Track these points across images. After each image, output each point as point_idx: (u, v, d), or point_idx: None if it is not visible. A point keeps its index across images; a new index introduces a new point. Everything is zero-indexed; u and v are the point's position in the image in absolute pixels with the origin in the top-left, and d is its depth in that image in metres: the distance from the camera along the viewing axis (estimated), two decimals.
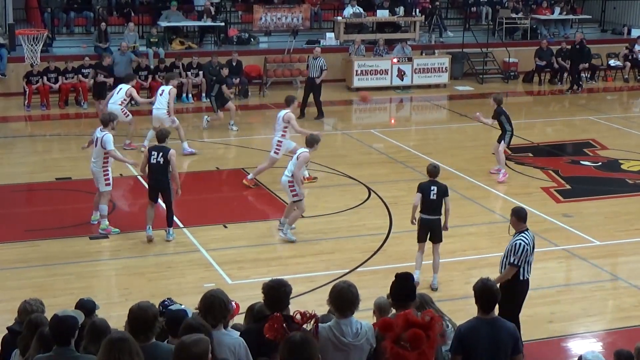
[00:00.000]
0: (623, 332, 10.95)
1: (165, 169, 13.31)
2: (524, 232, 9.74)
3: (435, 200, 11.84)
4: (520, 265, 9.63)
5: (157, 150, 13.37)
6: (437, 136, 21.77)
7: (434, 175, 12.07)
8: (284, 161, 15.23)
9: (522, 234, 9.72)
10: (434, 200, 11.84)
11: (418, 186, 12.07)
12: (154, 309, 6.17)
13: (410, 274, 6.95)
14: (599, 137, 20.61)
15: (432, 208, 11.89)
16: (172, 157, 13.26)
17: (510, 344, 7.13)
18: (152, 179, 13.52)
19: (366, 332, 6.48)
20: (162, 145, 13.44)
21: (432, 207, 11.88)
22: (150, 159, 13.36)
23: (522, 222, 9.84)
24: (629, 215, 15.35)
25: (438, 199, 11.84)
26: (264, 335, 6.11)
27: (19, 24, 24.38)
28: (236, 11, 27.88)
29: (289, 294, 6.63)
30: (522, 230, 9.76)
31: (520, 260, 9.61)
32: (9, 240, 13.75)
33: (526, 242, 9.63)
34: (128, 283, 12.22)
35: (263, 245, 13.49)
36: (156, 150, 13.39)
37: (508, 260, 9.68)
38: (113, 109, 18.28)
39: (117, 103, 18.42)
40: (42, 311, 7.38)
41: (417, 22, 27.96)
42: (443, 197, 11.87)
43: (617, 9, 31.31)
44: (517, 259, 9.62)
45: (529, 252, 9.66)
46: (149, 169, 13.46)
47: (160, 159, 13.27)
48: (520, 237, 9.69)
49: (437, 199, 11.84)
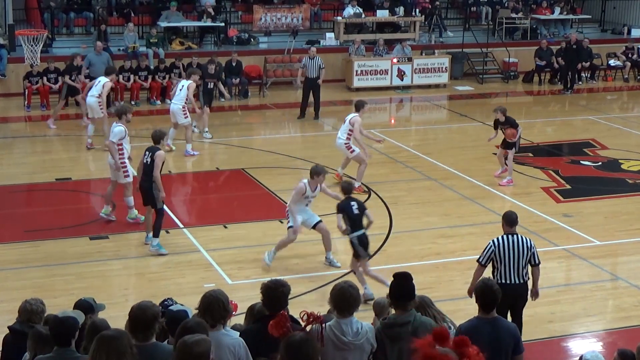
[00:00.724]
0: (623, 332, 10.95)
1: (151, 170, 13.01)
2: (504, 235, 9.64)
3: (359, 214, 11.63)
4: (484, 263, 9.58)
5: (149, 150, 13.10)
6: (437, 136, 21.78)
7: (349, 191, 11.84)
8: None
9: (502, 236, 9.64)
10: (358, 214, 11.63)
11: (338, 207, 11.69)
12: (154, 309, 6.14)
13: (409, 273, 6.89)
14: (599, 137, 20.61)
15: (359, 222, 11.62)
16: (156, 157, 12.89)
17: (511, 343, 7.14)
18: (140, 178, 13.27)
19: (367, 332, 6.48)
20: (154, 146, 13.18)
21: (358, 222, 11.61)
22: (144, 159, 13.18)
23: (508, 227, 9.73)
24: (629, 215, 15.35)
25: (360, 212, 11.66)
26: (263, 335, 6.12)
27: (19, 24, 24.40)
28: (236, 11, 27.88)
29: (287, 294, 6.64)
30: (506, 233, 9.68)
31: (485, 259, 9.57)
32: (9, 240, 13.75)
33: (495, 244, 9.55)
34: (128, 283, 12.23)
35: (263, 245, 13.48)
36: (148, 150, 13.14)
37: None
38: (90, 102, 18.45)
39: (95, 96, 18.39)
40: (42, 311, 7.38)
41: (417, 22, 27.98)
42: (364, 210, 11.71)
43: (617, 9, 31.31)
44: (481, 256, 9.62)
45: (500, 254, 9.51)
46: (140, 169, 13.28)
47: (149, 159, 13.00)
48: (494, 238, 9.66)
49: (360, 213, 11.66)
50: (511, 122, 16.59)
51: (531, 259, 9.65)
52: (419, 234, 14.24)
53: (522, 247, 9.57)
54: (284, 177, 17.22)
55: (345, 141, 16.05)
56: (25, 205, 15.91)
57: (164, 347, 6.12)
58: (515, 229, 9.79)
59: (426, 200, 16.00)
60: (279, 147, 19.10)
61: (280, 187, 16.38)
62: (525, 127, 21.63)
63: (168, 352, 6.02)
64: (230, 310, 6.60)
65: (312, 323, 6.03)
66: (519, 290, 9.61)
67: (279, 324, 5.88)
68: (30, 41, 20.77)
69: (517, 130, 16.58)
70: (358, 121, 15.97)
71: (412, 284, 6.81)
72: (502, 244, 9.55)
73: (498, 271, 9.57)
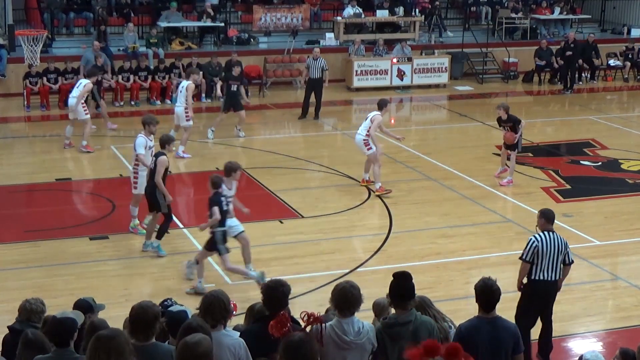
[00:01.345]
0: (623, 332, 10.95)
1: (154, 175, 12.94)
2: (544, 232, 9.82)
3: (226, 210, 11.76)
4: (528, 259, 9.70)
5: (155, 155, 13.08)
6: (437, 136, 21.78)
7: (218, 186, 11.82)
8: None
9: (541, 233, 9.82)
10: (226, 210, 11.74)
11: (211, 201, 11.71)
12: (155, 309, 6.13)
13: (409, 273, 6.86)
14: (599, 137, 20.61)
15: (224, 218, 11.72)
16: (158, 163, 12.80)
17: (511, 343, 7.14)
18: (147, 183, 13.22)
19: (368, 332, 6.49)
20: (160, 151, 13.06)
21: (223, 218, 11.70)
22: (150, 164, 13.14)
23: (548, 224, 9.93)
24: (629, 215, 15.35)
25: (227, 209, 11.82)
26: (264, 335, 6.12)
27: (19, 24, 24.40)
28: (236, 11, 27.89)
29: (287, 294, 6.64)
30: (544, 230, 9.86)
31: (528, 255, 9.69)
32: (9, 241, 13.75)
33: (538, 240, 9.70)
34: (128, 283, 12.22)
35: (263, 245, 13.48)
36: (154, 155, 13.17)
37: None
38: (71, 103, 18.38)
39: (75, 96, 18.33)
40: (42, 311, 7.38)
41: (417, 22, 27.99)
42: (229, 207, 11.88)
43: (617, 9, 31.32)
44: (524, 253, 9.75)
45: (541, 251, 9.67)
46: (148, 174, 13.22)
47: (153, 165, 12.96)
48: (535, 234, 9.83)
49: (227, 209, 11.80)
50: (514, 120, 16.53)
51: (565, 258, 9.84)
52: (419, 234, 14.24)
53: (560, 244, 9.77)
54: (284, 177, 17.22)
55: (364, 137, 16.06)
56: (25, 206, 15.90)
57: (164, 347, 6.11)
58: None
59: (426, 200, 16.00)
60: (279, 147, 19.09)
61: (280, 187, 16.39)
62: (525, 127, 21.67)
63: (168, 352, 6.02)
64: (231, 310, 6.61)
65: (312, 323, 6.04)
66: (554, 288, 9.87)
67: (280, 324, 5.88)
68: (30, 41, 20.77)
69: (518, 128, 16.50)
70: (378, 119, 16.03)
71: (412, 283, 6.81)
72: (543, 240, 9.71)
73: (537, 267, 9.73)
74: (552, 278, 9.76)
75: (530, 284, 9.81)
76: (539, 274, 9.71)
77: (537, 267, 9.71)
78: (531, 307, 9.85)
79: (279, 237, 13.94)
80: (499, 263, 12.98)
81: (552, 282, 9.79)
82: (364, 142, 16.03)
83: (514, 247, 13.64)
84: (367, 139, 15.97)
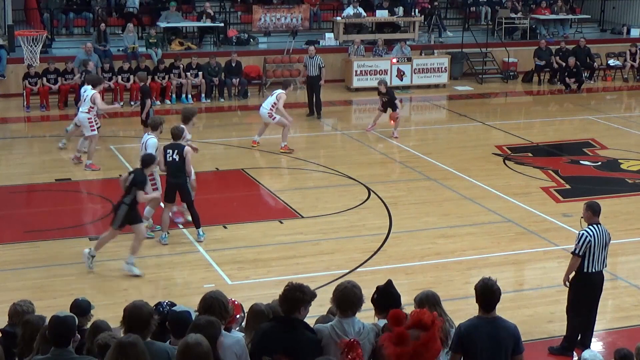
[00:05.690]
0: (623, 332, 10.95)
1: (181, 167, 13.32)
2: (591, 225, 9.98)
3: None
4: (581, 254, 9.89)
5: (172, 148, 13.34)
6: (437, 136, 21.78)
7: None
8: None
9: (590, 226, 9.98)
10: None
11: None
12: (149, 307, 6.23)
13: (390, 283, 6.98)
14: (598, 137, 20.61)
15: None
16: (187, 154, 13.29)
17: (511, 343, 7.13)
18: (170, 176, 13.51)
19: (368, 332, 6.50)
20: (177, 143, 13.40)
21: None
22: (167, 157, 13.34)
23: (595, 216, 10.07)
24: (629, 215, 15.35)
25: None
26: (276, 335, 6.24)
27: (19, 25, 24.38)
28: (235, 12, 27.89)
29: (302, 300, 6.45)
30: (591, 224, 10.01)
31: (581, 249, 9.87)
32: (9, 241, 13.75)
33: (590, 233, 9.88)
34: (128, 283, 12.22)
35: (263, 245, 13.49)
36: (171, 148, 13.35)
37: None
38: (80, 118, 17.45)
39: (85, 111, 17.30)
40: (32, 311, 7.36)
41: (417, 22, 27.98)
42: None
43: (617, 9, 31.32)
44: (577, 248, 9.93)
45: (593, 244, 9.86)
46: (167, 168, 13.46)
47: (176, 156, 13.27)
48: (586, 228, 9.97)
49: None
50: (390, 94, 19.39)
51: None
52: (418, 234, 14.25)
53: (607, 236, 10.04)
54: (284, 177, 17.22)
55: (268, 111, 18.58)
56: (25, 206, 15.90)
57: (159, 346, 6.16)
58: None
59: (426, 200, 16.00)
60: (279, 147, 19.08)
61: (280, 187, 16.39)
62: (525, 127, 21.73)
63: (163, 351, 6.06)
64: (231, 311, 6.60)
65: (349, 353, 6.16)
66: (603, 279, 10.17)
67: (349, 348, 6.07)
68: (30, 42, 20.75)
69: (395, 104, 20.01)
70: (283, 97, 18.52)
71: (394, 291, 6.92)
72: (594, 233, 9.92)
73: (588, 260, 9.94)
74: (602, 269, 10.07)
75: (582, 277, 10.04)
76: (592, 267, 9.96)
77: (589, 260, 9.95)
78: (584, 299, 10.12)
79: (279, 237, 13.94)
80: (498, 263, 13.00)
81: (601, 273, 10.10)
82: (268, 114, 18.60)
83: (513, 247, 13.68)
84: (271, 111, 18.52)
